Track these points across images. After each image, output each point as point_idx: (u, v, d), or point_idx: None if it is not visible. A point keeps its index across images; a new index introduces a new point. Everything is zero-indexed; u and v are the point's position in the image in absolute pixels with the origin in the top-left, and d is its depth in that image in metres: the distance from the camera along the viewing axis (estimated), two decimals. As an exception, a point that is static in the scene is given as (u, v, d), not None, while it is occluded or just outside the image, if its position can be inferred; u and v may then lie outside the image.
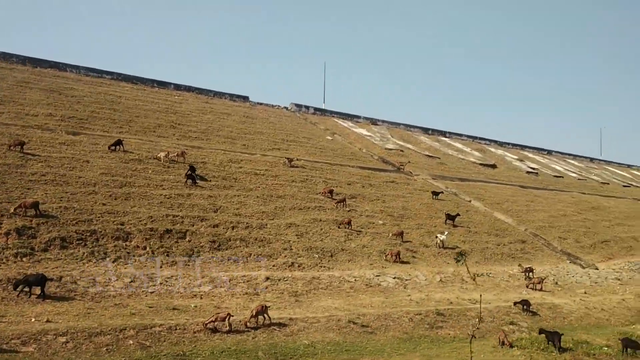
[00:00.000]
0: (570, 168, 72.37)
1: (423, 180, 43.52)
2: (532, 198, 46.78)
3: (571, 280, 30.63)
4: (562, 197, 50.85)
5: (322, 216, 29.25)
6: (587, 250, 37.31)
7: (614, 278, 32.93)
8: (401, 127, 65.39)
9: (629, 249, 39.92)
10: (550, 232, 38.28)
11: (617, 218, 47.96)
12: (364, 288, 22.88)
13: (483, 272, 28.06)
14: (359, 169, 41.09)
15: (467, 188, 44.59)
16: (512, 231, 36.22)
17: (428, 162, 51.93)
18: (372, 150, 50.04)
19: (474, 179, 49.50)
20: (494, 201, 42.18)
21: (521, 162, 65.00)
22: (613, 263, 36.24)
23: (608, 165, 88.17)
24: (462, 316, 21.28)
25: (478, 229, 34.70)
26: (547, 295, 26.75)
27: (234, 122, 45.96)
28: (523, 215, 40.38)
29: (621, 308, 26.95)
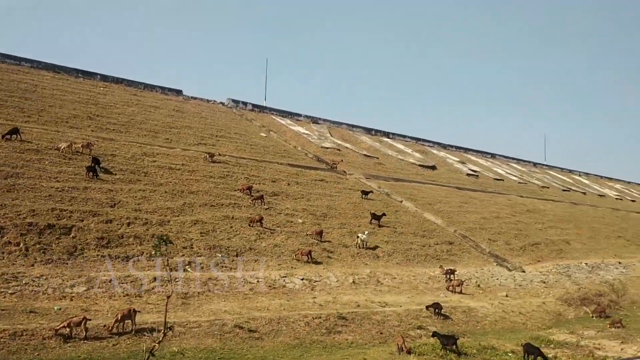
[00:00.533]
0: (512, 172, 72.81)
1: (355, 179, 42.37)
2: (466, 200, 46.27)
3: (494, 283, 29.90)
4: (499, 200, 50.63)
5: (235, 214, 27.63)
6: (516, 252, 36.82)
7: (539, 281, 32.43)
8: (343, 126, 64.34)
9: (559, 252, 39.72)
10: (480, 234, 37.66)
11: (551, 221, 47.96)
12: (266, 290, 21.36)
13: (393, 272, 26.91)
14: (288, 166, 39.62)
15: (401, 188, 43.69)
16: (440, 232, 35.38)
17: (365, 161, 50.92)
18: (308, 148, 48.69)
19: (410, 179, 48.72)
20: (426, 202, 41.38)
21: (462, 165, 64.87)
22: (541, 266, 35.85)
23: (551, 170, 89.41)
24: (366, 320, 20.03)
25: (404, 230, 33.69)
26: (465, 298, 25.85)
27: (161, 116, 43.82)
28: (454, 217, 39.67)
29: (540, 312, 26.29)
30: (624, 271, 40.00)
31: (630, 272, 40.18)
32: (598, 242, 46.31)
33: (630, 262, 43.34)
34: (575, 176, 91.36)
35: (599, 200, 72.59)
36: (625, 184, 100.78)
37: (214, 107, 53.50)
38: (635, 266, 42.59)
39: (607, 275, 37.71)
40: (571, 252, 40.83)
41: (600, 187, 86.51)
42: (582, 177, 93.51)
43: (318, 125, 60.11)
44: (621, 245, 47.69)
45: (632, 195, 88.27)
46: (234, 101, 56.76)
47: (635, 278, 39.27)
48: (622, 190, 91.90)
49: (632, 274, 39.82)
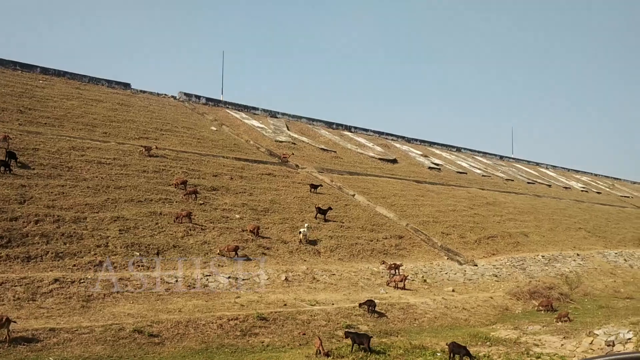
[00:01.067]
0: (476, 165, 72.16)
1: (307, 173, 40.96)
2: (423, 193, 45.21)
3: (442, 278, 28.77)
4: (458, 193, 49.69)
5: (164, 209, 25.97)
6: (470, 246, 35.80)
7: (491, 275, 31.43)
8: (303, 120, 62.85)
9: (515, 245, 38.83)
10: (433, 227, 36.56)
11: (511, 213, 47.17)
12: (184, 290, 19.80)
13: (332, 269, 25.56)
14: (235, 160, 38.02)
15: (355, 182, 42.40)
16: (390, 226, 34.16)
17: (321, 155, 49.53)
18: (261, 142, 47.11)
19: (367, 173, 47.48)
20: (380, 195, 40.16)
21: (425, 158, 63.93)
22: (496, 259, 34.89)
23: (517, 163, 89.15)
24: (290, 320, 18.59)
25: (352, 224, 32.38)
26: (408, 294, 24.61)
27: (102, 109, 41.82)
28: (408, 210, 38.53)
29: (486, 307, 25.19)
30: (581, 263, 39.33)
31: (587, 264, 39.54)
32: (557, 234, 45.64)
33: (588, 253, 42.76)
34: (542, 169, 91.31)
35: (563, 193, 72.37)
36: (592, 177, 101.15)
37: (163, 101, 51.57)
38: (594, 258, 42.04)
39: (563, 268, 36.96)
40: (528, 245, 40.00)
41: (566, 179, 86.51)
42: (549, 169, 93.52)
43: (276, 119, 58.54)
44: (581, 237, 47.12)
45: (598, 188, 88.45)
46: (187, 95, 54.87)
47: (592, 270, 38.65)
48: (589, 182, 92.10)
49: (589, 266, 39.19)
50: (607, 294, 31.95)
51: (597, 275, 37.60)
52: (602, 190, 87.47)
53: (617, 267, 41.25)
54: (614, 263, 42.16)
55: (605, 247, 46.71)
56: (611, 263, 41.95)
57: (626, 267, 41.89)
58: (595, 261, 41.15)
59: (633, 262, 44.29)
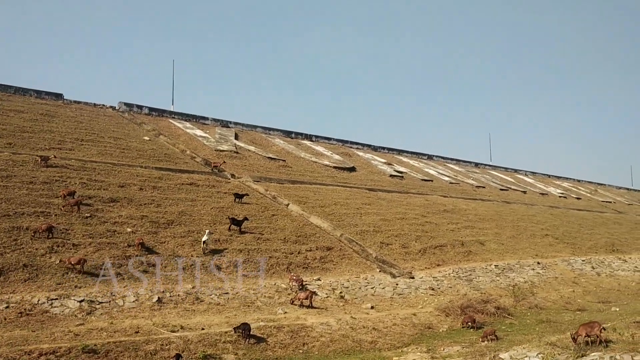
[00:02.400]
0: (446, 172, 69.09)
1: (240, 182, 37.76)
2: (372, 201, 41.99)
3: (366, 293, 25.46)
4: (414, 200, 46.49)
5: (33, 224, 22.62)
6: (412, 256, 32.54)
7: (427, 288, 28.13)
8: (258, 129, 59.82)
9: (467, 254, 35.59)
10: (373, 237, 33.31)
11: (470, 221, 43.97)
12: (13, 318, 16.43)
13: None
14: (155, 170, 34.81)
15: (295, 191, 39.19)
16: (321, 237, 30.90)
17: (267, 164, 46.36)
18: (199, 151, 43.95)
19: (313, 181, 44.29)
20: (319, 204, 36.93)
21: (388, 166, 60.82)
22: (440, 270, 31.65)
23: (494, 169, 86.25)
24: (129, 352, 15.30)
25: (274, 236, 29.11)
26: (311, 313, 21.32)
27: (19, 120, 38.68)
28: (348, 219, 35.27)
29: (404, 325, 21.88)
30: (540, 272, 36.12)
31: (548, 273, 36.34)
32: (520, 242, 42.43)
33: (551, 261, 39.58)
34: (520, 175, 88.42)
35: (538, 199, 69.31)
36: (574, 182, 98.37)
37: (98, 111, 48.40)
38: (557, 266, 38.87)
39: (518, 278, 33.75)
40: (483, 254, 36.76)
41: (544, 186, 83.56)
42: (528, 176, 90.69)
43: (226, 128, 55.45)
44: (547, 244, 43.93)
45: (578, 193, 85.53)
46: (127, 105, 51.77)
47: (552, 279, 35.45)
48: (569, 188, 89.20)
49: (549, 275, 35.98)
50: (559, 305, 28.71)
51: (556, 285, 34.39)
52: (582, 195, 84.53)
53: (581, 275, 38.04)
54: (579, 271, 38.96)
55: (573, 254, 43.53)
56: (576, 271, 38.75)
57: (592, 275, 38.67)
58: (557, 269, 37.96)
59: (601, 269, 41.12)
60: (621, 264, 44.33)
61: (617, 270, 42.07)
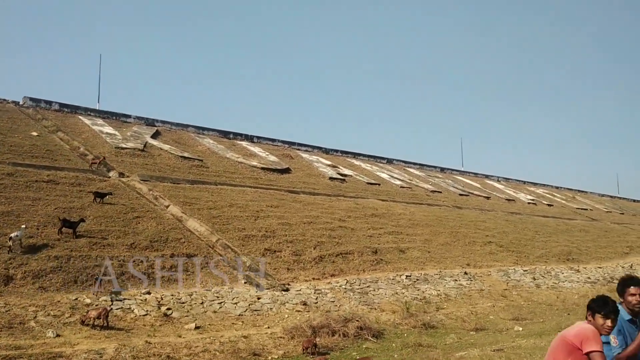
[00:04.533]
0: (401, 176, 64.64)
1: (121, 181, 33.34)
2: (284, 204, 37.56)
3: (209, 309, 20.98)
4: (340, 204, 42.06)
5: None
6: (303, 265, 28.09)
7: (299, 302, 23.65)
8: (190, 129, 55.49)
9: (376, 263, 31.20)
10: (259, 244, 28.84)
11: (398, 226, 39.56)
12: None
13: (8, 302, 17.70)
14: (12, 165, 30.40)
15: (190, 192, 34.77)
16: (187, 243, 26.44)
17: (177, 163, 41.97)
18: (96, 149, 39.54)
19: (226, 182, 39.90)
20: (209, 207, 32.48)
21: (332, 169, 56.41)
22: (332, 281, 27.27)
23: (462, 175, 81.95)
24: None
25: (122, 240, 24.66)
26: (96, 336, 16.80)
27: None
28: (237, 223, 30.83)
29: (218, 352, 17.31)
30: (464, 283, 31.71)
31: (472, 284, 31.92)
32: (452, 249, 37.97)
33: (484, 271, 35.17)
34: (490, 181, 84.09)
35: (501, 205, 64.96)
36: (551, 189, 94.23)
37: (-8, 106, 44.01)
38: (490, 276, 34.53)
39: (431, 290, 29.35)
40: (398, 262, 32.32)
41: (514, 192, 79.20)
42: (500, 182, 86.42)
43: (147, 127, 51.09)
44: (486, 252, 39.49)
45: (552, 200, 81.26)
46: (34, 100, 47.46)
47: (476, 291, 31.05)
48: (543, 194, 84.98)
49: (473, 287, 31.53)
50: (458, 324, 24.14)
51: (477, 298, 29.97)
52: (556, 202, 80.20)
53: (515, 287, 33.62)
54: (515, 282, 34.57)
55: (516, 263, 39.15)
56: (511, 282, 34.36)
57: (529, 287, 34.26)
58: (488, 281, 33.55)
59: (544, 280, 36.73)
60: (572, 274, 39.95)
61: (564, 282, 37.64)
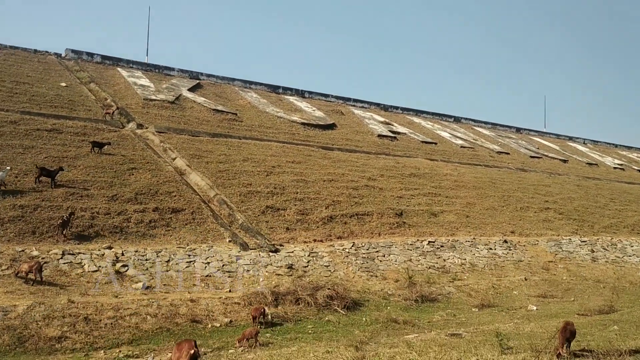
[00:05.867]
0: (465, 135, 60.04)
1: (135, 132, 32.25)
2: (310, 159, 35.28)
3: (169, 269, 19.34)
4: (377, 162, 39.15)
5: None
6: (306, 225, 26.01)
7: (284, 265, 21.61)
8: (237, 83, 53.90)
9: (397, 226, 28.56)
10: (262, 201, 26.91)
11: (439, 187, 36.30)
12: None
13: None
14: (20, 113, 29.97)
15: (207, 145, 33.26)
16: (178, 196, 24.96)
17: (207, 116, 40.51)
18: (125, 100, 38.81)
19: (256, 137, 38.08)
20: (218, 160, 30.80)
21: (385, 126, 53.08)
22: (336, 243, 24.97)
23: (542, 136, 75.50)
24: None
25: (105, 192, 23.52)
26: (17, 292, 15.46)
27: None
28: (243, 178, 28.99)
29: (150, 316, 15.83)
30: (500, 252, 28.59)
31: (510, 254, 28.75)
32: (498, 215, 34.37)
33: (530, 240, 31.62)
34: (574, 143, 77.03)
35: (580, 169, 59.06)
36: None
37: (31, 58, 44.22)
38: (537, 246, 31.15)
39: (455, 258, 26.63)
40: (425, 226, 29.45)
41: (600, 155, 72.06)
42: (587, 144, 79.05)
43: (189, 80, 49.98)
44: (540, 220, 35.42)
45: (645, 165, 73.22)
46: (76, 52, 47.50)
47: (512, 262, 28.06)
48: (636, 159, 76.75)
49: (510, 257, 28.44)
50: (465, 298, 21.07)
51: (511, 270, 26.69)
52: (650, 167, 72.31)
53: (565, 259, 29.98)
54: (567, 254, 30.84)
55: (576, 232, 34.98)
56: (561, 253, 30.58)
57: (583, 260, 30.49)
58: (532, 251, 30.08)
59: (605, 253, 32.61)
60: (644, 247, 35.03)
61: (631, 256, 33.16)
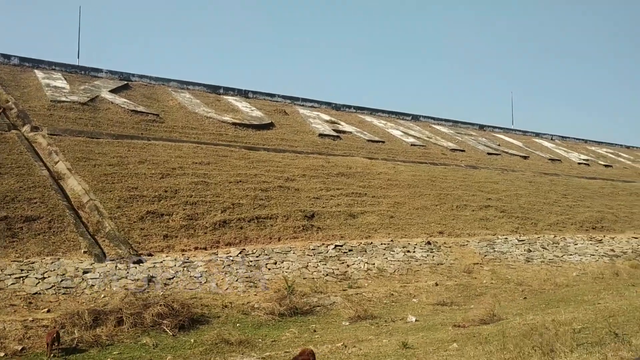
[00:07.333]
0: (419, 134, 57.69)
1: (22, 134, 29.65)
2: (219, 160, 32.76)
3: (7, 285, 16.62)
4: (304, 161, 36.77)
5: None
6: (190, 231, 23.56)
7: (143, 278, 18.91)
8: (172, 84, 51.05)
9: (304, 229, 26.30)
10: (140, 206, 24.39)
11: (369, 187, 34.06)
12: None
13: None
14: None
15: (101, 147, 30.58)
16: (43, 203, 22.39)
17: (122, 118, 37.73)
18: (29, 102, 36.14)
19: (174, 139, 35.53)
20: (108, 163, 28.15)
21: (329, 125, 50.69)
22: (218, 251, 22.63)
23: (506, 133, 73.44)
24: None
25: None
26: None
27: None
28: (131, 182, 26.46)
29: None
30: (417, 255, 26.33)
31: (428, 257, 26.60)
32: (429, 214, 32.13)
33: (459, 241, 29.42)
34: (540, 140, 75.13)
35: (541, 165, 57.08)
36: (619, 148, 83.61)
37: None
38: (465, 247, 29.14)
39: (360, 263, 24.24)
40: (337, 229, 27.12)
41: (566, 151, 70.18)
42: (555, 140, 77.19)
43: (115, 81, 47.27)
44: (476, 219, 33.25)
45: (614, 160, 71.54)
46: None
47: (429, 266, 25.48)
48: (605, 154, 75.03)
49: (427, 260, 26.20)
50: (344, 310, 18.57)
51: (422, 275, 24.29)
52: (618, 163, 70.68)
53: (494, 261, 27.79)
54: (499, 255, 28.73)
55: (516, 231, 32.76)
56: (492, 255, 28.44)
57: (515, 261, 28.39)
58: (456, 253, 27.78)
59: (545, 252, 30.66)
60: (589, 245, 33.18)
61: (572, 255, 30.99)
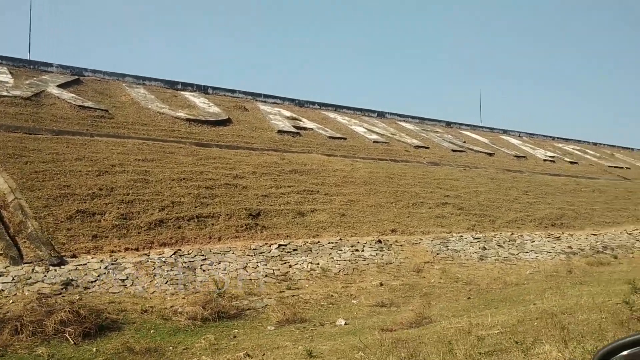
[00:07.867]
0: (384, 130, 57.16)
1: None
2: (165, 156, 31.70)
3: None
4: (257, 158, 35.85)
5: None
6: (123, 231, 22.44)
7: (60, 282, 17.82)
8: (127, 79, 49.80)
9: (247, 228, 25.37)
10: (70, 205, 23.23)
11: (322, 184, 33.30)
12: None
13: None
14: None
15: (38, 143, 29.22)
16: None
17: (70, 113, 36.50)
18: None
19: (123, 135, 34.39)
20: (41, 160, 26.84)
21: (289, 121, 49.81)
22: (150, 252, 21.65)
23: (474, 130, 73.28)
24: None
25: None
26: None
27: None
28: (63, 179, 25.27)
29: None
30: (365, 255, 25.64)
31: (377, 257, 25.86)
32: (382, 212, 31.44)
33: (411, 239, 28.76)
34: (508, 137, 75.35)
35: (505, 162, 56.94)
36: (585, 145, 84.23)
37: None
38: (417, 246, 28.33)
39: (304, 264, 23.51)
40: (283, 228, 26.26)
41: (532, 148, 70.29)
42: (522, 137, 77.46)
43: (66, 76, 45.88)
44: (432, 216, 32.72)
45: (580, 157, 72.07)
46: None
47: (377, 265, 24.67)
48: (571, 151, 75.45)
49: (375, 259, 25.48)
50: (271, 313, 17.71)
51: (369, 275, 23.53)
52: (584, 159, 71.03)
53: (445, 259, 27.14)
54: (451, 253, 28.12)
55: (472, 228, 32.25)
56: (444, 253, 27.77)
57: (468, 259, 27.75)
58: (407, 251, 27.07)
59: (500, 250, 30.16)
60: (547, 242, 32.90)
61: (528, 252, 30.52)
